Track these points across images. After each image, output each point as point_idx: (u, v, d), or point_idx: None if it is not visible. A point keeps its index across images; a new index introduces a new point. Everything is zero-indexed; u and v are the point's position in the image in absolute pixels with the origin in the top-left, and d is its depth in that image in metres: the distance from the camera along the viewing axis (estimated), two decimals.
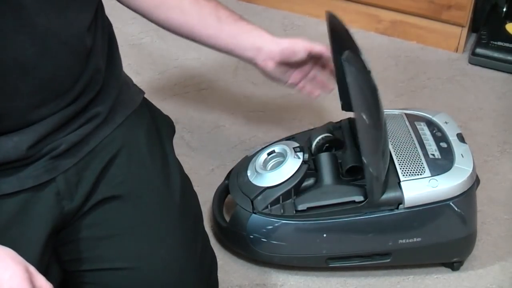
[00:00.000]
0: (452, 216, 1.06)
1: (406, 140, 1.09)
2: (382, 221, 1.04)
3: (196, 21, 1.01)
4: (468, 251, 1.14)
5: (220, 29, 1.02)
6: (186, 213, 0.94)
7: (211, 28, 1.02)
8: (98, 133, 0.89)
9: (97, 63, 0.87)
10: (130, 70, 1.02)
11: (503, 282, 1.13)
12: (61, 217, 0.85)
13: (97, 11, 0.88)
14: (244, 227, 1.09)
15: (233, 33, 1.03)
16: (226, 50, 1.05)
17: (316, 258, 1.11)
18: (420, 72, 1.66)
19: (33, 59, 0.77)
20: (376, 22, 1.79)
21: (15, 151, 0.80)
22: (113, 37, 0.95)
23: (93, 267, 0.89)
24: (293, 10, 1.88)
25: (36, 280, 0.66)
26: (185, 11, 1.00)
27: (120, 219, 0.89)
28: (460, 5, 1.65)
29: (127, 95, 0.96)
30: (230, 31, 1.03)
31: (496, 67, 1.66)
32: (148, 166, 0.93)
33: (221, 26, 1.02)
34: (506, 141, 1.44)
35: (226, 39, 1.04)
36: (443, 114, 1.17)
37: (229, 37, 1.03)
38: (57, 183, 0.84)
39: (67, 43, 0.80)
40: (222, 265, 1.06)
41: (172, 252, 0.90)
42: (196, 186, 1.03)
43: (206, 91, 1.56)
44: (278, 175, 1.08)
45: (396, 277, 1.14)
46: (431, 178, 1.03)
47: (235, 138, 1.43)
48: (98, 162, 0.88)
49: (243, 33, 1.04)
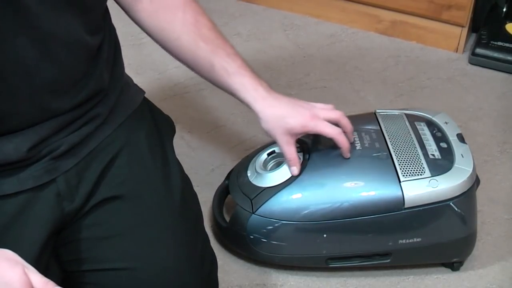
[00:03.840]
0: (452, 216, 1.06)
1: (406, 140, 1.09)
2: (382, 221, 1.04)
3: (190, 62, 1.00)
4: (468, 251, 1.14)
5: (212, 78, 1.00)
6: (186, 213, 0.94)
7: (204, 73, 1.01)
8: (98, 133, 0.89)
9: (102, 69, 0.87)
10: (130, 70, 1.02)
11: (503, 282, 1.13)
12: (62, 218, 0.85)
13: (99, 14, 0.87)
14: (244, 227, 1.09)
15: (226, 87, 1.01)
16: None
17: (316, 258, 1.11)
18: (420, 72, 1.66)
19: (34, 62, 0.76)
20: (376, 22, 1.79)
21: (15, 152, 0.79)
22: (117, 42, 0.95)
23: (93, 267, 0.88)
24: (293, 10, 1.88)
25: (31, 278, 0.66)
26: (182, 47, 0.98)
27: (120, 219, 0.89)
28: (460, 5, 1.65)
29: (127, 95, 0.96)
30: (223, 84, 1.00)
31: (496, 67, 1.66)
32: (149, 166, 0.93)
33: (214, 75, 1.00)
34: (506, 141, 1.44)
35: (219, 85, 1.02)
36: (443, 114, 1.18)
37: (222, 87, 1.01)
38: (57, 183, 0.84)
39: (68, 45, 0.80)
40: (222, 265, 1.06)
41: (172, 252, 0.90)
42: (196, 186, 1.03)
43: (206, 91, 1.56)
44: (278, 175, 1.08)
45: (396, 277, 1.14)
46: (431, 178, 1.03)
47: (235, 138, 1.43)
48: (98, 163, 0.88)
49: (237, 91, 1.00)
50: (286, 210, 1.06)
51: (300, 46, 1.75)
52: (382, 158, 1.06)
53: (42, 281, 0.66)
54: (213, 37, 0.99)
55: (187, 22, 0.97)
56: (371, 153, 1.08)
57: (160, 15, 0.96)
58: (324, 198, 1.06)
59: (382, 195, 1.04)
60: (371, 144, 1.09)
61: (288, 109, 1.00)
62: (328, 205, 1.05)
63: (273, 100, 1.00)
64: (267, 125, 1.01)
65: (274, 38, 1.79)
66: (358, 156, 1.08)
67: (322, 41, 1.77)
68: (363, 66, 1.68)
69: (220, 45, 0.99)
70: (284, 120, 1.00)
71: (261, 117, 1.00)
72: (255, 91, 0.99)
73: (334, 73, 1.65)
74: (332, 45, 1.76)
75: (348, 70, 1.67)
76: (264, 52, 1.72)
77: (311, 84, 1.61)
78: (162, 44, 1.00)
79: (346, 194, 1.05)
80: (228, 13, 1.89)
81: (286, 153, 1.02)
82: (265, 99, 1.00)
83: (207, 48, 0.98)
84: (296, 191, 1.06)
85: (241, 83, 0.99)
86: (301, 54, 1.72)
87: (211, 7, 1.92)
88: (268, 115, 1.00)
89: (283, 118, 1.00)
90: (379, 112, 1.18)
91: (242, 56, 1.02)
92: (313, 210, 1.05)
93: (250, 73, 1.00)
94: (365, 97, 1.57)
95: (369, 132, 1.11)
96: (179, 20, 0.97)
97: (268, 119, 1.00)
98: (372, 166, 1.06)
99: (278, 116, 1.00)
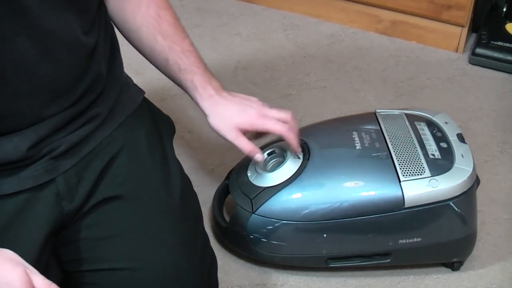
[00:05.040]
0: (452, 216, 1.06)
1: (406, 140, 1.09)
2: (382, 221, 1.04)
3: (148, 55, 1.01)
4: (468, 251, 1.14)
5: (167, 73, 1.02)
6: (186, 213, 0.94)
7: (160, 67, 1.01)
8: (98, 133, 0.89)
9: (99, 65, 0.87)
10: (130, 70, 1.02)
11: (503, 282, 1.13)
12: (61, 218, 0.85)
13: (99, 13, 0.88)
14: (244, 227, 1.09)
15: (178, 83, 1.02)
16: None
17: (316, 258, 1.11)
18: (420, 72, 1.66)
19: (33, 61, 0.77)
20: (376, 22, 1.79)
21: (15, 152, 0.79)
22: (115, 39, 0.95)
23: (93, 267, 0.88)
24: (293, 10, 1.88)
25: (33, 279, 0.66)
26: (141, 40, 0.99)
27: (120, 219, 0.89)
28: (460, 5, 1.65)
29: (127, 95, 0.96)
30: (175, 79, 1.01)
31: (496, 67, 1.66)
32: (148, 166, 0.93)
33: (168, 71, 1.01)
34: (506, 141, 1.44)
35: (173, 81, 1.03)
36: (443, 114, 1.18)
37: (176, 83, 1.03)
38: (57, 183, 0.84)
39: (68, 44, 0.80)
40: (222, 265, 1.06)
41: (172, 252, 0.89)
42: (196, 186, 1.03)
43: None
44: (278, 175, 1.08)
45: (396, 277, 1.14)
46: (431, 178, 1.03)
47: None
48: (98, 163, 0.88)
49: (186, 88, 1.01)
50: (286, 210, 1.06)
51: (300, 46, 1.75)
52: (382, 158, 1.06)
53: (45, 283, 0.66)
54: (172, 32, 0.99)
55: (148, 16, 0.98)
56: (371, 153, 1.08)
57: (125, 5, 0.97)
58: (324, 198, 1.06)
59: (382, 195, 1.04)
60: (371, 144, 1.09)
61: (235, 108, 1.00)
62: (328, 205, 1.05)
63: (221, 99, 1.00)
64: (214, 123, 1.01)
65: (274, 38, 1.79)
66: (358, 156, 1.08)
67: (322, 41, 1.77)
68: (363, 66, 1.68)
69: (177, 41, 0.99)
70: (231, 120, 1.00)
71: (207, 115, 1.01)
72: (203, 89, 1.00)
73: (334, 73, 1.65)
74: (332, 45, 1.76)
75: (348, 70, 1.67)
76: (264, 52, 1.72)
77: (311, 84, 1.61)
78: (124, 35, 1.01)
79: (346, 194, 1.05)
80: (228, 13, 1.89)
81: (240, 147, 1.02)
82: (212, 98, 1.00)
83: (164, 43, 0.98)
84: (296, 191, 1.06)
85: (190, 80, 1.00)
86: (301, 54, 1.72)
87: (211, 7, 1.92)
88: (214, 114, 1.00)
89: (230, 118, 1.00)
90: (379, 112, 1.18)
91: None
92: (313, 210, 1.05)
93: (202, 71, 1.00)
94: (365, 97, 1.57)
95: (369, 132, 1.11)
96: (141, 13, 0.97)
97: (214, 117, 1.01)
98: (372, 166, 1.07)
99: (224, 115, 1.00)
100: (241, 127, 1.00)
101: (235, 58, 1.67)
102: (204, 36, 1.78)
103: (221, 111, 1.00)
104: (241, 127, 1.00)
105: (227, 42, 1.75)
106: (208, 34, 1.79)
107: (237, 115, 1.00)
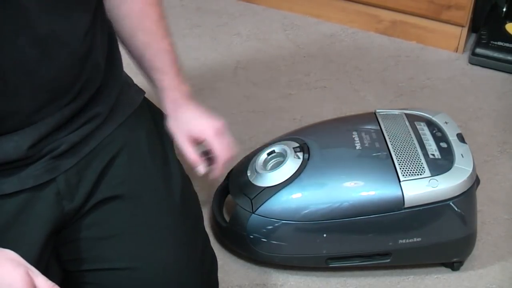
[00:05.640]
0: (452, 216, 1.06)
1: (406, 140, 1.09)
2: (382, 221, 1.05)
3: (128, 49, 1.00)
4: (468, 251, 1.14)
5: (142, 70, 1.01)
6: (186, 213, 0.94)
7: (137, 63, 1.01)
8: (98, 133, 0.89)
9: (95, 59, 0.87)
10: (130, 70, 1.02)
11: (503, 282, 1.13)
12: (61, 217, 0.85)
13: (96, 11, 0.88)
14: (244, 227, 1.09)
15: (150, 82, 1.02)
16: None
17: (316, 258, 1.11)
18: (420, 72, 1.66)
19: (33, 61, 0.77)
20: (376, 22, 1.79)
21: (15, 151, 0.79)
22: (114, 37, 0.95)
23: (93, 267, 0.88)
24: (293, 10, 1.88)
25: (36, 281, 0.66)
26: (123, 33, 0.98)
27: (120, 219, 0.89)
28: (460, 5, 1.65)
29: (127, 95, 0.96)
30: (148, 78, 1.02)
31: (496, 67, 1.66)
32: (149, 166, 0.93)
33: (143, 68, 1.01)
34: (506, 141, 1.44)
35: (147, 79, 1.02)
36: (443, 114, 1.18)
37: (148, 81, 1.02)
38: (57, 183, 0.84)
39: (67, 44, 0.80)
40: (222, 265, 1.06)
41: (172, 252, 0.90)
42: (196, 186, 1.03)
43: (206, 91, 1.56)
44: (278, 175, 1.08)
45: (396, 277, 1.14)
46: (431, 178, 1.03)
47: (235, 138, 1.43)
48: (98, 162, 0.88)
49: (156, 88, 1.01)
50: (286, 209, 1.06)
51: (300, 46, 1.75)
52: (382, 158, 1.06)
53: (47, 285, 0.66)
54: (153, 30, 0.99)
55: (132, 10, 0.97)
56: (371, 153, 1.08)
57: None
58: (324, 197, 1.06)
59: (382, 195, 1.04)
60: (371, 144, 1.09)
61: (192, 115, 1.01)
62: (328, 204, 1.05)
63: (184, 104, 1.01)
64: (170, 125, 1.02)
65: (274, 38, 1.79)
66: (358, 156, 1.08)
67: (322, 41, 1.77)
68: (363, 66, 1.68)
69: (156, 39, 0.99)
70: (186, 125, 1.01)
71: (168, 116, 1.02)
72: (170, 91, 1.01)
73: (334, 73, 1.65)
74: (332, 45, 1.76)
75: (348, 70, 1.67)
76: (264, 52, 1.72)
77: (311, 84, 1.61)
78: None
79: (346, 194, 1.05)
80: (228, 13, 1.89)
81: (185, 153, 1.03)
82: (175, 102, 1.01)
83: (143, 40, 0.98)
84: (296, 191, 1.07)
85: (160, 80, 1.00)
86: (301, 54, 1.72)
87: (211, 7, 1.92)
88: (173, 116, 1.01)
89: (185, 123, 1.01)
90: (379, 112, 1.18)
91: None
92: (313, 210, 1.05)
93: (174, 73, 1.01)
94: (365, 97, 1.57)
95: (369, 132, 1.12)
96: (126, 6, 0.97)
97: (172, 120, 1.01)
98: (372, 166, 1.07)
99: (181, 119, 1.01)
100: (192, 134, 1.01)
101: (235, 58, 1.67)
102: (204, 36, 1.78)
103: (180, 115, 1.01)
104: (192, 133, 1.01)
105: (227, 42, 1.75)
106: (208, 34, 1.79)
107: (192, 121, 1.01)
